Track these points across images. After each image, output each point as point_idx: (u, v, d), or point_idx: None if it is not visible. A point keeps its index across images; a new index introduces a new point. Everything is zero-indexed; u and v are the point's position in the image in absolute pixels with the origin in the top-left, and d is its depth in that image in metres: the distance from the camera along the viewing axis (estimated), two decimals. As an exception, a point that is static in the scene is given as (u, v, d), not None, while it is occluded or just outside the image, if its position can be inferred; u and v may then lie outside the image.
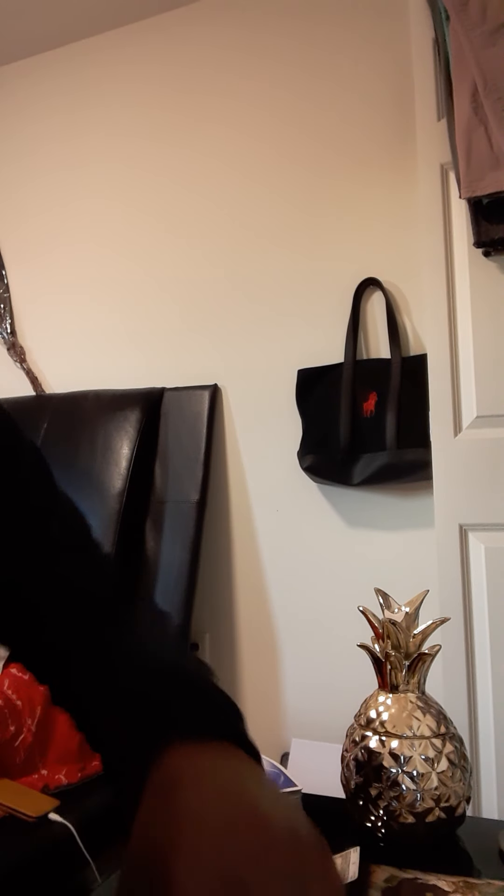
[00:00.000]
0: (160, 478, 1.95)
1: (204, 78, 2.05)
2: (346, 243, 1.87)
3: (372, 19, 1.85)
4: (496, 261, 1.47)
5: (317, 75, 1.91)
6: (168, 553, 1.87)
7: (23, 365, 2.28)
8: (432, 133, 1.52)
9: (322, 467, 1.79)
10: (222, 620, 1.99)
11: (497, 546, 1.45)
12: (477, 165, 1.39)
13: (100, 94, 2.20)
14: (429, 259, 1.53)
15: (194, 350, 2.04)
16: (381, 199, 1.84)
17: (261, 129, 1.98)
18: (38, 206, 2.29)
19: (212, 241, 2.03)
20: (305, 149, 1.93)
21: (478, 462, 1.47)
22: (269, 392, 1.95)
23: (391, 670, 0.77)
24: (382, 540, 1.82)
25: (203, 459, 1.91)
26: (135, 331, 2.13)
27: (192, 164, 2.06)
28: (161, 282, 2.10)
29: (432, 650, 0.76)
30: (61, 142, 2.25)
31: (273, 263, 1.95)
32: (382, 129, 1.84)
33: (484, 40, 1.37)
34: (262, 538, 1.95)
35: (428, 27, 1.51)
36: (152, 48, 2.12)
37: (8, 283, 2.33)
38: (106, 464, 1.92)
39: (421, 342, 1.77)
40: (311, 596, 1.89)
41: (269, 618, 1.94)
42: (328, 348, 1.87)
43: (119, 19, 2.14)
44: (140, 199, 2.14)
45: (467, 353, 1.49)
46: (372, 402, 1.76)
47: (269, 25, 1.97)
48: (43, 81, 2.29)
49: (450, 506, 1.49)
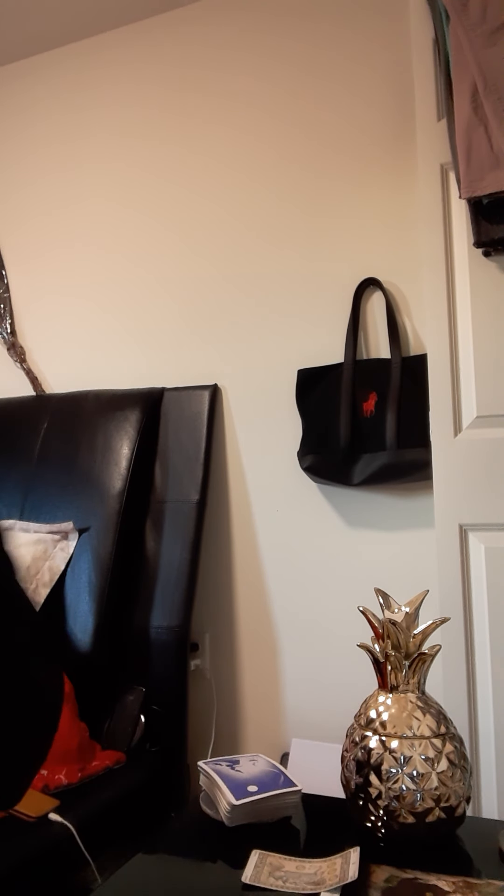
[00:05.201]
0: (160, 478, 1.95)
1: (204, 78, 2.05)
2: (346, 243, 1.88)
3: (372, 19, 1.85)
4: (496, 261, 1.47)
5: (316, 75, 1.92)
6: (168, 553, 1.87)
7: (23, 365, 2.28)
8: (432, 133, 1.52)
9: (322, 467, 1.79)
10: (222, 620, 1.99)
11: (497, 546, 1.46)
12: (477, 165, 1.39)
13: (100, 95, 2.20)
14: (429, 259, 1.53)
15: (194, 350, 2.04)
16: (381, 199, 1.84)
17: (260, 129, 1.98)
18: (39, 207, 2.29)
19: (212, 241, 2.03)
20: (305, 149, 1.93)
21: (478, 462, 1.47)
22: (269, 392, 1.95)
23: (391, 670, 0.77)
24: (382, 540, 1.82)
25: (203, 459, 1.91)
26: (135, 331, 2.13)
27: (193, 165, 2.07)
28: (161, 282, 2.10)
29: (432, 650, 0.76)
30: (61, 142, 2.25)
31: (273, 263, 1.96)
32: (382, 130, 1.84)
33: (484, 40, 1.37)
34: (262, 538, 1.95)
35: (428, 27, 1.51)
36: (152, 48, 2.12)
37: (8, 283, 2.33)
38: (106, 464, 1.92)
39: (421, 342, 1.77)
40: (311, 596, 1.89)
41: (269, 618, 1.94)
42: (328, 348, 1.87)
43: (119, 19, 2.14)
44: (140, 199, 2.14)
45: (467, 353, 1.50)
46: (372, 402, 1.76)
47: (269, 25, 1.97)
48: (43, 82, 2.29)
49: (450, 506, 1.49)
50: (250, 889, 0.79)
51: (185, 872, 0.90)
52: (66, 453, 1.97)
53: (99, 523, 1.85)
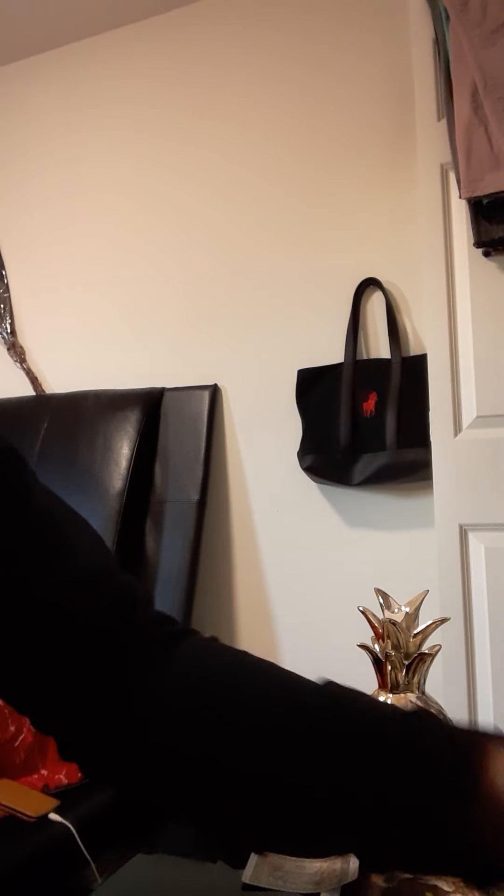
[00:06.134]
0: (160, 478, 1.95)
1: (205, 75, 2.05)
2: (346, 243, 1.87)
3: (373, 18, 1.85)
4: (496, 261, 1.47)
5: (317, 74, 1.91)
6: (168, 553, 1.87)
7: (23, 365, 2.28)
8: (432, 133, 1.52)
9: (322, 467, 1.79)
10: (222, 620, 1.99)
11: (497, 546, 1.45)
12: (477, 165, 1.39)
13: (99, 92, 2.20)
14: (429, 259, 1.53)
15: (194, 350, 2.04)
16: (381, 198, 1.84)
17: (260, 127, 1.98)
18: (38, 206, 2.29)
19: (212, 241, 2.03)
20: (305, 148, 1.92)
21: (478, 462, 1.47)
22: (269, 392, 1.95)
23: (391, 670, 0.77)
24: (382, 540, 1.81)
25: (203, 459, 1.91)
26: (135, 331, 2.13)
27: (193, 163, 2.06)
28: (161, 282, 2.10)
29: (432, 650, 0.76)
30: (61, 141, 2.25)
31: (273, 263, 1.95)
32: (382, 130, 1.84)
33: (484, 40, 1.37)
34: (262, 538, 1.95)
35: (428, 27, 1.51)
36: (153, 46, 2.12)
37: (8, 282, 2.33)
38: (106, 464, 1.92)
39: (421, 342, 1.77)
40: (311, 596, 1.89)
41: (268, 617, 1.94)
42: (328, 348, 1.87)
43: (119, 19, 2.13)
44: (140, 198, 2.13)
45: (467, 353, 1.49)
46: (372, 402, 1.76)
47: (270, 23, 1.97)
48: (42, 80, 2.29)
49: (450, 506, 1.49)
50: (250, 889, 0.79)
51: (185, 872, 0.90)
52: (66, 453, 1.97)
53: (99, 523, 1.85)
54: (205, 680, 0.41)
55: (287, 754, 0.37)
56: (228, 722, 0.38)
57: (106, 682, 0.42)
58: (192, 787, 0.38)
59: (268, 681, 0.43)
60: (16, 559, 0.45)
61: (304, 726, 0.38)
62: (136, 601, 0.46)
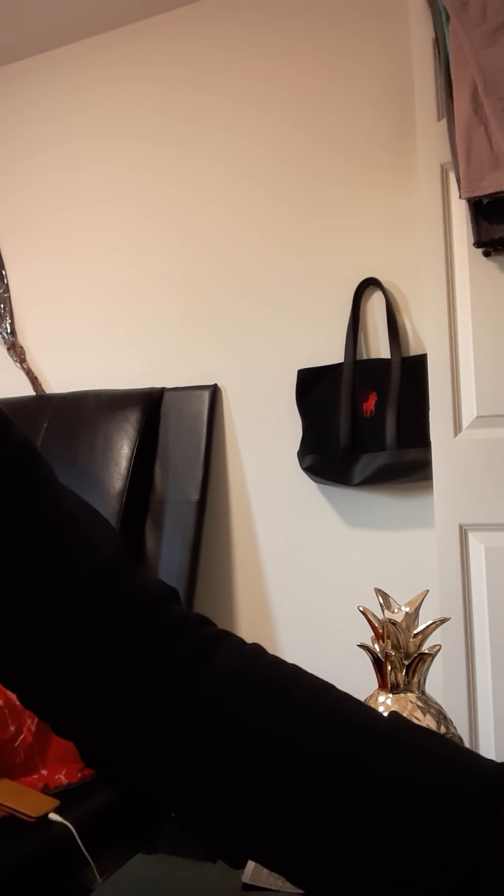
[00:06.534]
0: (160, 478, 1.95)
1: (204, 79, 2.05)
2: (346, 243, 1.87)
3: (372, 19, 1.85)
4: (496, 261, 1.47)
5: (316, 76, 1.91)
6: (168, 553, 1.87)
7: (23, 365, 2.28)
8: (432, 133, 1.52)
9: (322, 467, 1.79)
10: (222, 620, 1.99)
11: (497, 546, 1.45)
12: (477, 165, 1.39)
13: (100, 96, 2.20)
14: (429, 259, 1.53)
15: (194, 350, 2.04)
16: (381, 199, 1.84)
17: (260, 129, 1.98)
18: (39, 207, 2.29)
19: (212, 241, 2.03)
20: (305, 149, 1.92)
21: (478, 462, 1.47)
22: (269, 392, 1.95)
23: (391, 670, 0.77)
24: (382, 540, 1.81)
25: (203, 459, 1.91)
26: (135, 331, 2.13)
27: (192, 165, 2.06)
28: (162, 282, 2.09)
29: (432, 650, 0.76)
30: (61, 143, 2.25)
31: (273, 264, 1.95)
32: (382, 129, 1.84)
33: (484, 40, 1.37)
34: (262, 538, 1.95)
35: (428, 27, 1.51)
36: (152, 49, 2.12)
37: (8, 283, 2.33)
38: (106, 464, 1.92)
39: (421, 342, 1.77)
40: (311, 596, 1.89)
41: (268, 617, 1.94)
42: (328, 348, 1.87)
43: (119, 19, 2.13)
44: (140, 199, 2.13)
45: (467, 353, 1.49)
46: (372, 402, 1.76)
47: (269, 26, 1.97)
48: (43, 82, 2.29)
49: (450, 506, 1.49)
50: (250, 889, 0.79)
51: (185, 872, 0.90)
52: (66, 453, 1.97)
53: (99, 523, 1.84)
54: (260, 690, 0.38)
55: (369, 791, 0.32)
56: (305, 747, 0.34)
57: (130, 678, 0.39)
58: (270, 821, 0.34)
59: (340, 709, 0.39)
60: (32, 552, 0.44)
61: (385, 764, 0.34)
62: (157, 597, 0.45)
